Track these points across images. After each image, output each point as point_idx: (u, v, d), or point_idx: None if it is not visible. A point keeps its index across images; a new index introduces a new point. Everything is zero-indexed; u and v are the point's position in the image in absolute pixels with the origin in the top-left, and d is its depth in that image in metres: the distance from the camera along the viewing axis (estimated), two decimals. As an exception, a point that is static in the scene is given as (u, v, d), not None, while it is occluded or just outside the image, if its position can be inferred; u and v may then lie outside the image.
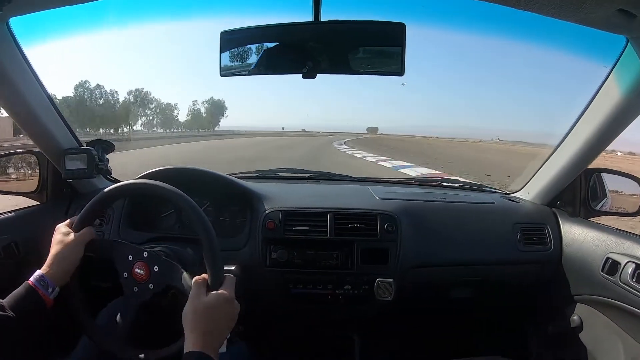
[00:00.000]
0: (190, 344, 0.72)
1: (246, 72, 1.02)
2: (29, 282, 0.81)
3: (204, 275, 0.80)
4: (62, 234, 0.88)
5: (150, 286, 0.86)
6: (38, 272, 0.82)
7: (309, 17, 0.98)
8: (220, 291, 0.78)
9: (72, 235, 0.87)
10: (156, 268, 0.87)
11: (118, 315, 0.91)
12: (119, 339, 0.87)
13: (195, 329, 0.73)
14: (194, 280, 0.79)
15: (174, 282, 0.86)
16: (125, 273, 0.87)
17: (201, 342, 0.72)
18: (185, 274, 0.86)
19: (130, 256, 0.87)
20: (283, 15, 1.01)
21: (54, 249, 0.86)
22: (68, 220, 0.91)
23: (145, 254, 0.87)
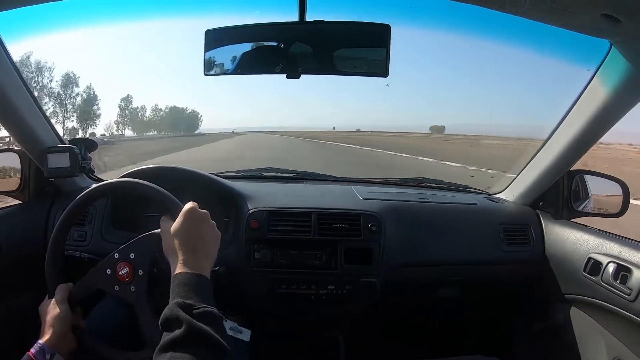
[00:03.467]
0: (175, 271, 0.70)
1: (230, 72, 1.01)
2: (29, 353, 0.79)
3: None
4: (42, 306, 0.86)
5: (140, 272, 0.84)
6: (37, 342, 0.81)
7: (294, 17, 0.98)
8: (182, 211, 0.77)
9: (49, 302, 0.86)
10: (132, 255, 0.85)
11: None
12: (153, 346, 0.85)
13: (174, 255, 0.72)
14: (160, 222, 0.81)
15: (154, 248, 0.84)
16: (115, 287, 0.85)
17: (185, 263, 0.70)
18: (155, 231, 0.85)
19: (108, 270, 0.85)
20: (268, 15, 1.01)
21: (42, 321, 0.84)
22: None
23: (117, 255, 0.85)
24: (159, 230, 0.82)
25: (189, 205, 0.79)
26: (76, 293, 0.88)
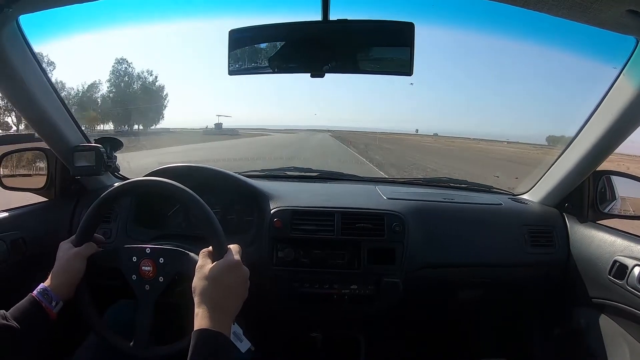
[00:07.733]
0: (198, 320, 0.70)
1: (254, 71, 1.02)
2: (33, 294, 0.81)
3: (210, 248, 0.81)
4: (64, 249, 0.89)
5: (160, 279, 0.87)
6: (42, 285, 0.83)
7: (317, 17, 0.98)
8: (225, 258, 0.78)
9: (73, 250, 0.88)
10: (162, 260, 0.87)
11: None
12: (141, 341, 0.87)
13: (202, 301, 0.73)
14: (200, 252, 0.81)
15: (183, 267, 0.86)
16: (133, 275, 0.88)
17: (210, 316, 0.70)
18: (191, 255, 0.87)
19: (134, 257, 0.88)
20: (292, 14, 1.01)
21: (57, 263, 0.87)
22: (72, 237, 0.92)
23: (148, 250, 0.88)
24: (196, 257, 0.82)
25: (235, 250, 0.81)
26: (98, 257, 0.91)
